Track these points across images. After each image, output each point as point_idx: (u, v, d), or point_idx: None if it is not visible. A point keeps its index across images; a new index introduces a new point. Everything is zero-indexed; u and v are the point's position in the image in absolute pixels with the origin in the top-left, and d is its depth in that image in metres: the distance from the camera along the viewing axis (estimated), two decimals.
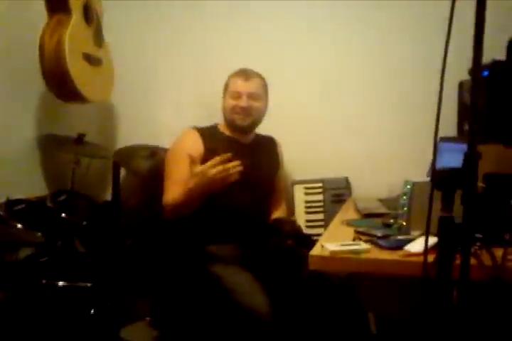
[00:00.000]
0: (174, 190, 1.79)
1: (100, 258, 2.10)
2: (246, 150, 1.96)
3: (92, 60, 2.17)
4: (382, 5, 2.27)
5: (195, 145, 1.87)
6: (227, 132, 1.99)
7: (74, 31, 2.03)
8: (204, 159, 1.80)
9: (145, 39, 2.50)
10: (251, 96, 1.94)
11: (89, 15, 2.15)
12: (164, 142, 2.18)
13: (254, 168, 1.91)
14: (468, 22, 1.00)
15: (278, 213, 2.04)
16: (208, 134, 1.94)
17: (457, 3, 1.00)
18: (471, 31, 0.98)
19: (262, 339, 1.53)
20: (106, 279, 2.02)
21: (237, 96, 1.94)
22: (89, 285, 1.85)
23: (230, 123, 1.97)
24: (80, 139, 2.25)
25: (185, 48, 2.48)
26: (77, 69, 2.04)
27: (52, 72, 2.01)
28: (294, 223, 1.95)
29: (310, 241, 1.94)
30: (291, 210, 2.27)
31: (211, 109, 2.14)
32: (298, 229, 1.91)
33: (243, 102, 1.93)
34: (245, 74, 1.97)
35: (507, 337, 1.17)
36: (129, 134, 2.54)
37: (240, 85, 1.95)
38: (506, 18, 2.02)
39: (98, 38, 2.22)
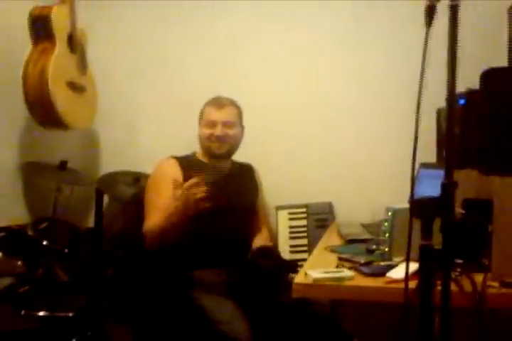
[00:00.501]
0: (156, 217, 1.79)
1: (82, 286, 2.07)
2: (223, 177, 1.96)
3: (75, 88, 2.18)
4: (362, 27, 2.32)
5: (175, 174, 1.87)
6: (205, 159, 2.01)
7: (58, 60, 2.05)
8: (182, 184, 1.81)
9: (128, 66, 2.51)
10: (225, 124, 1.95)
11: (73, 43, 2.16)
12: (147, 168, 2.18)
13: (234, 194, 1.93)
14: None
15: (259, 239, 2.03)
16: (186, 162, 1.95)
17: (435, 33, 1.03)
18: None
19: None
20: (88, 307, 1.98)
21: (212, 125, 1.95)
22: (70, 314, 1.82)
23: (206, 151, 1.99)
24: (62, 166, 2.24)
25: (167, 75, 2.49)
26: (60, 98, 2.05)
27: (35, 100, 2.02)
28: (271, 254, 1.90)
29: (293, 266, 1.96)
30: (274, 235, 2.27)
31: (194, 136, 2.15)
32: (275, 263, 1.86)
33: (218, 131, 1.94)
34: (219, 102, 1.98)
35: None
36: (112, 161, 2.52)
37: (214, 114, 1.96)
38: (485, 48, 2.09)
39: (82, 66, 2.23)
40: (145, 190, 1.93)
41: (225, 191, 1.90)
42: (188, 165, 1.94)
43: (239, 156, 2.12)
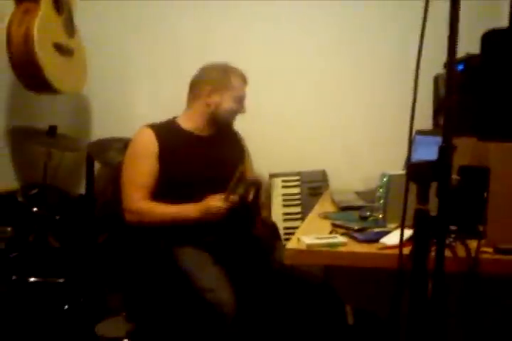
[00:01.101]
0: (138, 196, 1.75)
1: (74, 253, 2.07)
2: (205, 143, 1.88)
3: (63, 50, 2.10)
4: (358, 4, 2.28)
5: (150, 145, 1.79)
6: (185, 126, 1.89)
7: (43, 20, 1.97)
8: (160, 157, 1.78)
9: (119, 29, 2.45)
10: None
11: (59, 4, 2.08)
12: None
13: (215, 160, 1.86)
14: (444, 15, 1.00)
15: None
16: (164, 131, 1.84)
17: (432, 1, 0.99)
18: (446, 25, 0.98)
19: (227, 335, 1.54)
20: (79, 274, 1.99)
21: (241, 100, 1.88)
22: (61, 280, 1.82)
23: (217, 122, 1.88)
24: (51, 131, 2.20)
25: (161, 39, 2.44)
26: (47, 60, 1.98)
27: (21, 63, 1.95)
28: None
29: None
30: (267, 203, 2.27)
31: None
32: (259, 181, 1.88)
33: (244, 108, 1.89)
34: (244, 76, 1.90)
35: (481, 329, 1.19)
36: (103, 126, 2.49)
37: (243, 89, 1.89)
38: (482, 11, 2.04)
39: (69, 28, 2.15)
40: (123, 163, 1.84)
41: (207, 157, 1.85)
42: (165, 134, 1.83)
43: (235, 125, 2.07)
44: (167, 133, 1.83)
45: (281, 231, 2.22)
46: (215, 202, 1.71)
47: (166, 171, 1.78)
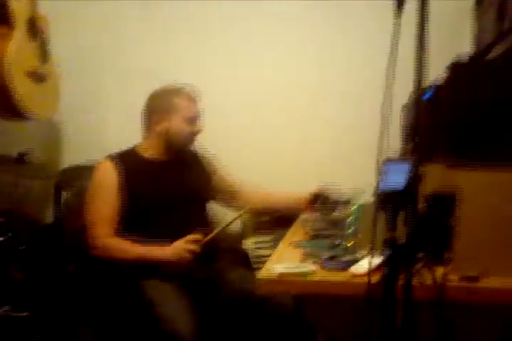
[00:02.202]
0: (102, 232, 1.75)
1: (39, 284, 2.00)
2: (166, 168, 1.88)
3: (35, 76, 2.09)
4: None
5: (108, 177, 1.80)
6: (145, 154, 1.90)
7: (16, 47, 1.96)
8: (121, 188, 1.78)
9: (91, 53, 2.45)
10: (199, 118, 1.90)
11: (33, 29, 2.07)
12: None
13: (178, 184, 1.86)
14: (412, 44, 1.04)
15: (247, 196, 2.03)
16: (124, 161, 1.84)
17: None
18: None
19: None
20: (45, 307, 1.92)
21: (193, 121, 1.86)
22: (25, 314, 1.75)
23: (172, 147, 1.87)
24: (20, 159, 2.15)
25: (134, 64, 2.45)
26: (19, 87, 1.96)
27: None
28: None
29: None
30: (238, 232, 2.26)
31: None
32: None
33: (199, 127, 1.88)
34: (190, 95, 1.88)
35: None
36: (75, 153, 2.46)
37: (193, 109, 1.87)
38: (450, 41, 2.13)
39: (43, 53, 2.14)
40: (88, 193, 1.84)
41: (170, 182, 1.85)
42: (125, 164, 1.83)
43: (212, 146, 2.07)
44: (126, 162, 1.84)
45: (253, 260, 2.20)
46: (187, 244, 1.68)
47: (128, 201, 1.78)
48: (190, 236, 1.69)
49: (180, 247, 1.67)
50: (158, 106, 1.86)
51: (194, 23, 2.41)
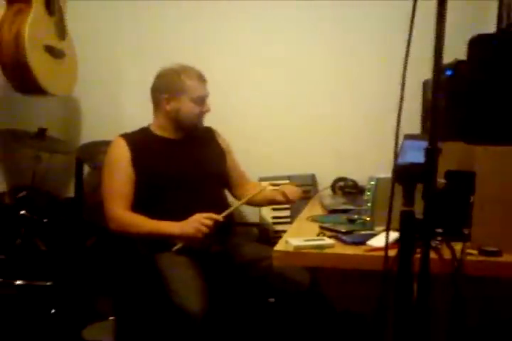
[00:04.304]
0: (117, 206, 1.76)
1: (62, 256, 2.05)
2: (178, 146, 1.88)
3: (54, 52, 2.10)
4: (344, 4, 2.30)
5: (122, 154, 1.81)
6: (157, 132, 1.90)
7: (34, 22, 1.97)
8: (134, 164, 1.79)
9: (111, 32, 2.45)
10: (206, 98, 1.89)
11: (51, 6, 2.08)
12: None
13: (191, 161, 1.86)
14: (432, 20, 1.02)
15: (248, 187, 2.01)
16: (136, 139, 1.85)
17: (420, 3, 1.01)
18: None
19: (192, 338, 1.52)
20: (67, 278, 1.97)
21: (201, 101, 1.85)
22: (49, 283, 1.80)
23: (182, 126, 1.87)
24: (40, 134, 2.19)
25: (152, 42, 2.44)
26: (37, 62, 1.98)
27: (11, 64, 1.95)
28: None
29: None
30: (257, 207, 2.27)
31: None
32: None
33: (207, 107, 1.87)
34: (199, 75, 1.86)
35: (465, 329, 1.19)
36: (94, 129, 2.48)
37: (201, 89, 1.85)
38: (470, 16, 2.07)
39: (61, 30, 2.15)
40: (102, 171, 1.85)
41: (184, 161, 1.85)
42: (138, 142, 1.84)
43: (222, 128, 2.07)
44: (139, 140, 1.85)
45: (271, 235, 2.22)
46: (202, 219, 1.68)
47: (142, 177, 1.79)
48: (205, 214, 1.69)
49: (195, 222, 1.67)
50: (167, 85, 1.85)
51: (211, 3, 2.39)
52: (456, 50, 1.25)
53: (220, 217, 1.69)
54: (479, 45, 1.35)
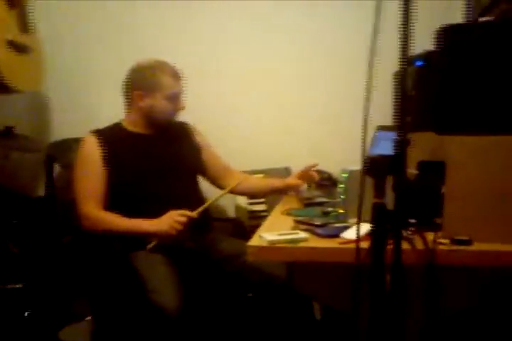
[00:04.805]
0: (89, 204, 1.74)
1: (35, 257, 2.01)
2: (151, 141, 1.86)
3: (17, 47, 2.03)
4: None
5: (93, 151, 1.78)
6: (130, 128, 1.87)
7: None
8: (105, 161, 1.76)
9: (80, 27, 2.40)
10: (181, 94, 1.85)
11: None
12: None
13: (164, 156, 1.83)
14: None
15: (238, 177, 1.99)
16: (108, 135, 1.82)
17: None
18: None
19: (169, 336, 1.51)
20: (41, 279, 1.93)
21: (175, 97, 1.81)
22: (19, 286, 1.76)
23: (155, 123, 1.84)
24: (8, 132, 2.13)
25: (122, 36, 2.40)
26: (0, 57, 1.91)
27: None
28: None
29: None
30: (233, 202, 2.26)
31: None
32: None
33: (182, 104, 1.83)
34: (174, 71, 1.82)
35: (440, 320, 1.21)
36: (64, 126, 2.43)
37: (176, 85, 1.81)
38: (437, 8, 2.09)
39: (24, 24, 2.08)
40: (74, 168, 1.82)
41: (156, 155, 1.83)
42: (109, 138, 1.80)
43: (198, 123, 2.05)
44: (111, 136, 1.81)
45: (247, 229, 2.21)
46: (176, 216, 1.66)
47: (114, 174, 1.76)
48: (179, 211, 1.67)
49: (169, 219, 1.65)
50: (141, 81, 1.81)
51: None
52: (426, 41, 1.26)
53: (194, 214, 1.67)
54: (447, 35, 1.36)
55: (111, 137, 1.81)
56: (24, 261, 1.98)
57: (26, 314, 1.84)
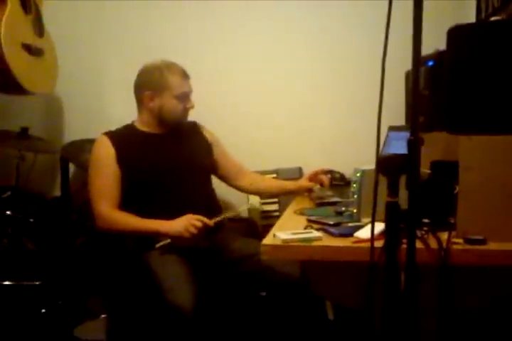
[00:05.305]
0: (104, 204, 1.75)
1: (50, 255, 2.04)
2: (163, 140, 1.87)
3: (32, 50, 2.07)
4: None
5: (106, 152, 1.80)
6: (142, 128, 1.89)
7: (10, 20, 1.94)
8: (119, 161, 1.78)
9: (93, 30, 2.43)
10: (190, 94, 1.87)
11: (26, 3, 2.05)
12: None
13: (176, 155, 1.85)
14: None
15: (251, 177, 2.03)
16: (121, 135, 1.84)
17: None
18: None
19: (184, 334, 1.52)
20: (56, 277, 1.96)
21: (185, 97, 1.83)
22: (38, 283, 1.79)
23: (165, 123, 1.86)
24: (23, 133, 2.16)
25: (134, 39, 2.43)
26: (15, 60, 1.95)
27: None
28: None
29: None
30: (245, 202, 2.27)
31: None
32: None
33: (191, 103, 1.85)
34: (184, 71, 1.85)
35: (454, 319, 1.21)
36: (76, 128, 2.47)
37: (185, 85, 1.83)
38: (448, 7, 2.08)
39: (38, 28, 2.13)
40: (88, 169, 1.85)
41: (169, 154, 1.85)
42: (122, 138, 1.83)
43: (208, 124, 2.06)
44: (123, 137, 1.84)
45: (260, 229, 2.22)
46: (192, 220, 1.67)
47: (128, 174, 1.78)
48: (198, 216, 1.68)
49: (185, 221, 1.66)
50: (150, 82, 1.83)
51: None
52: (436, 41, 1.26)
53: (211, 222, 1.69)
54: (459, 34, 1.36)
55: (123, 137, 1.83)
56: (41, 259, 2.01)
57: (43, 311, 1.87)
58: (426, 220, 1.29)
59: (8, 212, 1.98)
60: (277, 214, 2.24)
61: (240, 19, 2.39)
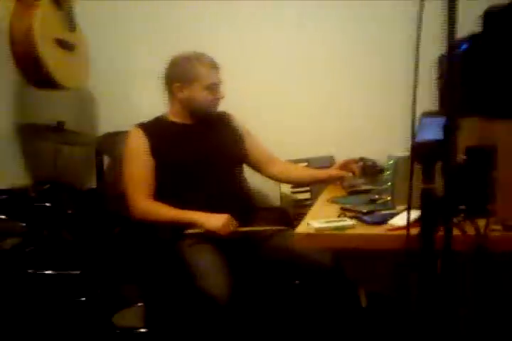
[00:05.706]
0: (140, 195, 1.79)
1: (88, 245, 2.10)
2: (194, 131, 1.89)
3: (64, 45, 2.11)
4: None
5: (140, 143, 1.83)
6: (173, 119, 1.91)
7: (44, 16, 1.98)
8: (153, 152, 1.81)
9: (123, 23, 2.45)
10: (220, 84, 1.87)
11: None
12: None
13: (208, 145, 1.87)
14: None
15: (283, 166, 2.05)
16: (153, 127, 1.87)
17: None
18: None
19: (219, 324, 1.54)
20: (95, 266, 2.02)
21: (214, 88, 1.84)
22: (77, 272, 1.85)
23: (196, 114, 1.88)
24: (59, 127, 2.22)
25: (166, 34, 2.44)
26: (49, 55, 1.99)
27: (24, 59, 1.96)
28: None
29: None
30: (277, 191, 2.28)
31: None
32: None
33: (221, 94, 1.86)
34: (212, 61, 1.85)
35: (491, 306, 1.19)
36: (110, 121, 2.50)
37: (214, 76, 1.84)
38: None
39: (70, 23, 2.16)
40: (122, 161, 1.88)
41: (200, 145, 1.87)
42: (154, 130, 1.85)
43: (239, 112, 2.07)
44: (156, 128, 1.86)
45: (292, 218, 2.23)
46: (230, 220, 1.71)
47: (161, 164, 1.81)
48: (235, 221, 1.72)
49: (226, 219, 1.69)
50: (179, 73, 1.85)
51: None
52: (470, 24, 1.22)
53: (238, 232, 1.72)
54: (494, 17, 1.32)
55: (155, 129, 1.86)
56: (79, 249, 2.07)
57: (83, 299, 1.92)
58: (462, 207, 1.27)
59: (47, 204, 2.04)
60: (309, 202, 2.23)
61: (266, 9, 2.38)
